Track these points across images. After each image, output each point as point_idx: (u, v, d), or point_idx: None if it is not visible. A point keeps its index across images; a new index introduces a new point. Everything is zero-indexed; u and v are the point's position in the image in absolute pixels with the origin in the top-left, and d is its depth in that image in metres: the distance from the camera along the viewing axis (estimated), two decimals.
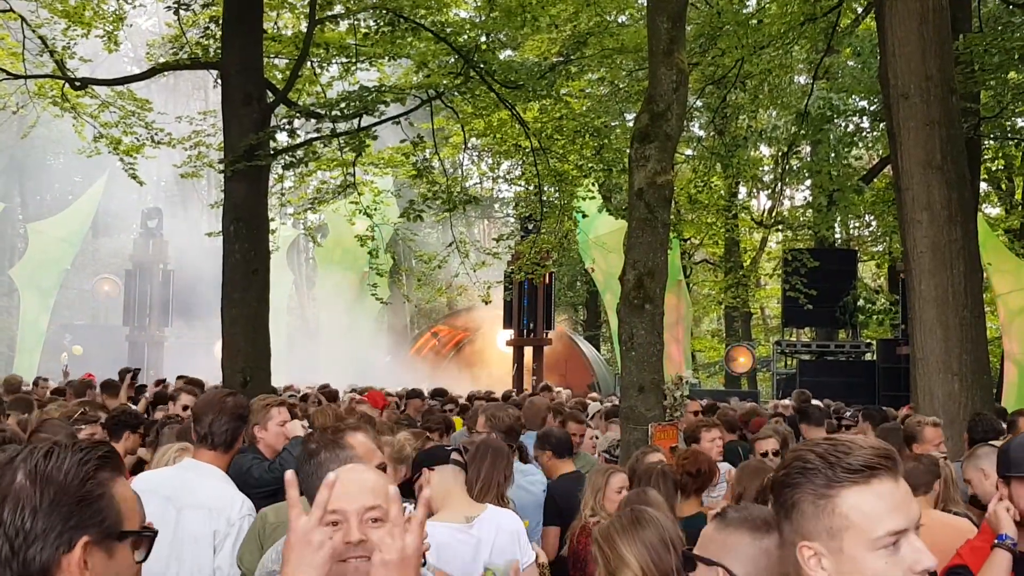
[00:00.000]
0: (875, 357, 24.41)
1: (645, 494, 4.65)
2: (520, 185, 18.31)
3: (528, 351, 26.17)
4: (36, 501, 1.75)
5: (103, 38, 15.48)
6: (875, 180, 26.03)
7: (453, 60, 13.95)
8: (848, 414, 13.29)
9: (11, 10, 14.31)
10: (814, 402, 12.90)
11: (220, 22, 13.44)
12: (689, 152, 21.83)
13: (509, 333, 26.36)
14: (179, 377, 12.71)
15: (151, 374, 24.64)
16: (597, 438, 9.50)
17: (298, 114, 13.48)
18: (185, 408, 8.61)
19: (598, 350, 37.57)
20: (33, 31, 14.43)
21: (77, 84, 14.64)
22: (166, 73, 15.59)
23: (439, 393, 14.18)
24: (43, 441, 1.89)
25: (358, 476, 2.52)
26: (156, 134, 15.70)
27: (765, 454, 6.77)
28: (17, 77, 14.64)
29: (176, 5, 14.09)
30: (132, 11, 15.55)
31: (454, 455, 4.42)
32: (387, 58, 14.70)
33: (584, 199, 17.11)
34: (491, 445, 5.61)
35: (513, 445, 5.80)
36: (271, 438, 5.62)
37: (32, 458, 1.79)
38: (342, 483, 2.37)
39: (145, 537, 1.93)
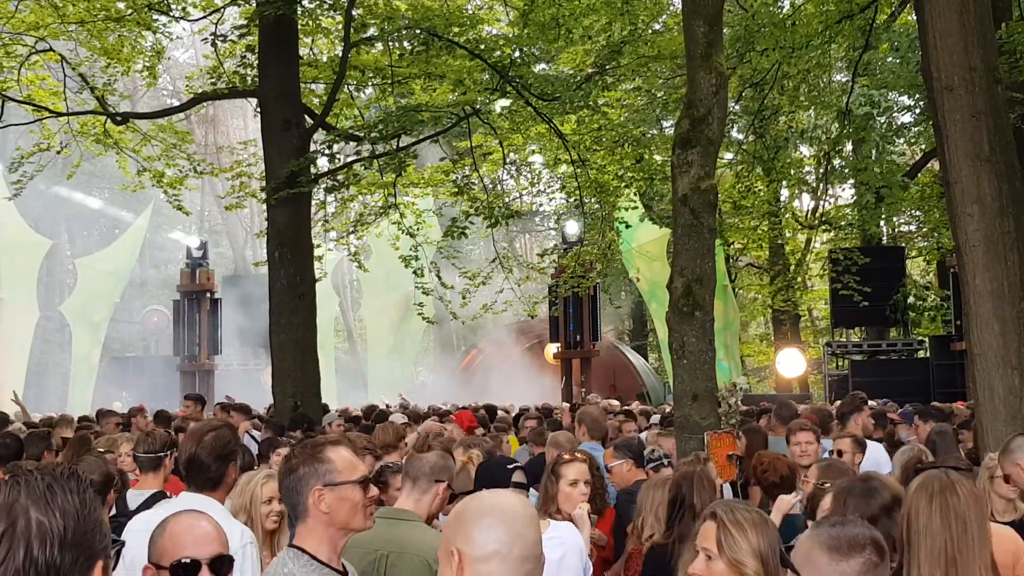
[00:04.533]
0: (928, 354, 24.07)
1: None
2: (561, 198, 18.30)
3: (576, 363, 26.11)
4: (61, 534, 1.76)
5: (141, 72, 15.67)
6: (919, 175, 25.73)
7: (488, 76, 13.96)
8: (899, 412, 13.10)
9: (51, 50, 14.51)
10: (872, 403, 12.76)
11: (256, 51, 13.56)
12: (729, 156, 21.69)
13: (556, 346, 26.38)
14: (221, 401, 12.77)
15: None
16: None
17: (337, 138, 13.55)
18: None
19: (646, 359, 37.40)
20: (73, 69, 14.63)
21: (118, 119, 14.82)
22: (205, 104, 15.76)
23: (489, 409, 14.11)
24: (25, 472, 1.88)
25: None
26: (198, 165, 15.86)
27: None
28: (59, 115, 14.85)
29: (213, 37, 14.23)
30: (169, 44, 15.74)
31: (516, 476, 4.36)
32: (423, 78, 14.75)
33: (626, 209, 17.04)
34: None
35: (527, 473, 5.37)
36: None
37: (36, 492, 1.79)
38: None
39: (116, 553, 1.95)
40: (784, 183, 22.87)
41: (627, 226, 18.09)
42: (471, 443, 7.20)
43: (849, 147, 26.10)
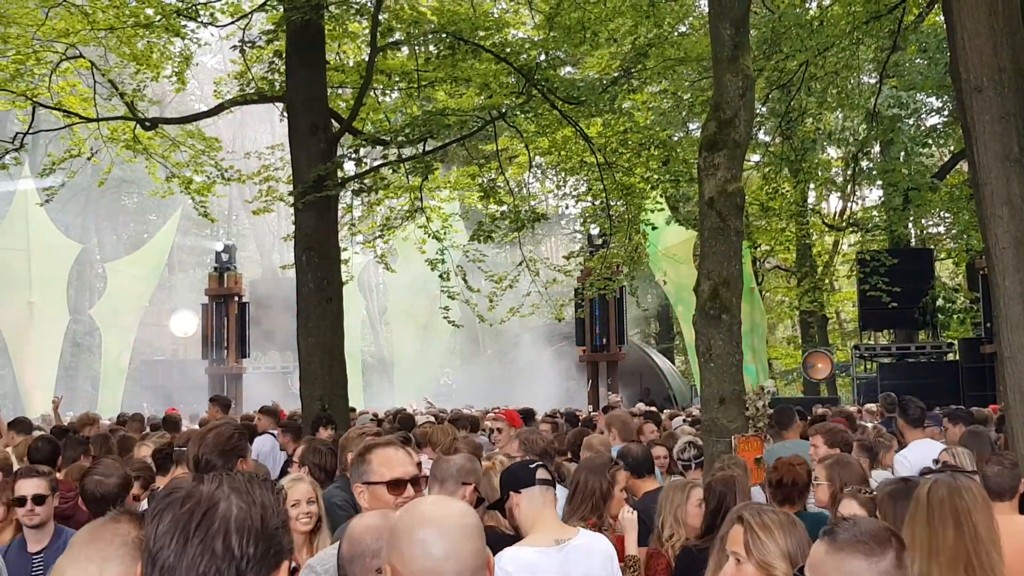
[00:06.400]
0: (958, 357, 23.90)
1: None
2: (587, 201, 18.32)
3: (602, 366, 26.10)
4: (257, 525, 1.85)
5: (170, 78, 15.79)
6: (948, 176, 25.57)
7: (514, 80, 13.97)
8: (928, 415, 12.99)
9: (81, 56, 14.65)
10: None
11: (284, 56, 13.63)
12: (756, 158, 21.63)
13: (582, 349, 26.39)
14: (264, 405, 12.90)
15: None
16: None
17: (364, 142, 13.59)
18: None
19: (672, 362, 37.34)
20: (103, 75, 14.76)
21: (147, 125, 14.94)
22: (232, 109, 15.85)
23: (526, 412, 14.08)
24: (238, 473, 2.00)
25: None
26: (226, 171, 15.96)
27: None
28: (89, 121, 14.99)
29: (241, 44, 14.31)
30: (197, 50, 15.85)
31: (540, 472, 4.36)
32: (449, 82, 14.78)
33: (652, 211, 17.00)
34: (587, 464, 5.56)
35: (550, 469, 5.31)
36: None
37: (238, 485, 1.89)
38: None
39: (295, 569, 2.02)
40: (811, 185, 22.78)
41: (653, 228, 18.07)
42: (526, 436, 7.19)
43: (877, 148, 26.00)
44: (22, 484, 5.40)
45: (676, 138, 18.57)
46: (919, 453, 7.34)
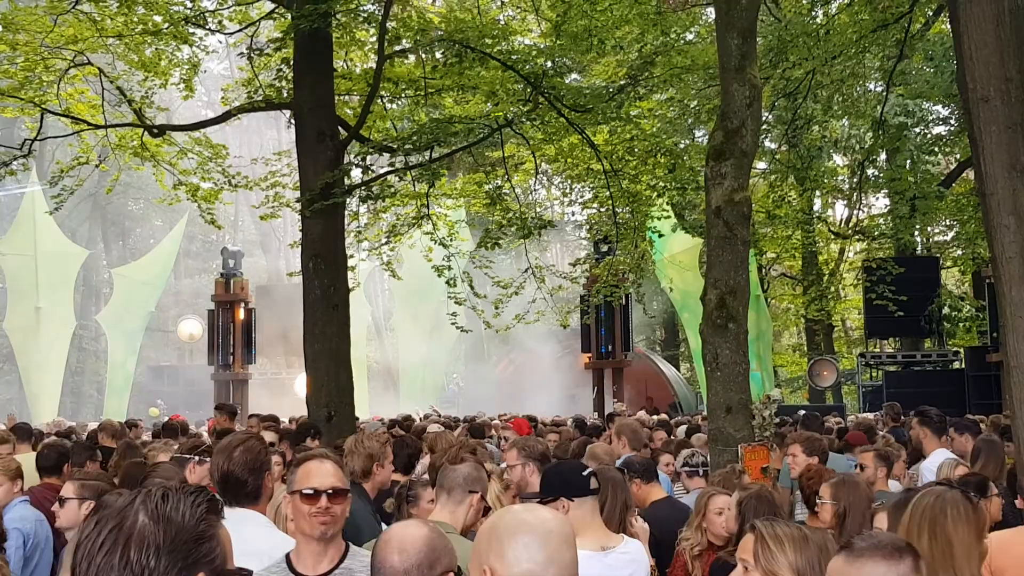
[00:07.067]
0: (964, 365, 23.88)
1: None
2: (593, 208, 18.32)
3: (608, 373, 26.09)
4: (159, 540, 1.88)
5: (178, 85, 15.83)
6: (954, 184, 25.56)
7: (521, 87, 13.98)
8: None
9: (90, 63, 14.68)
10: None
11: (291, 63, 13.66)
12: (762, 165, 21.63)
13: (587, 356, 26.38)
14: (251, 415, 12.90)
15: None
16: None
17: (371, 149, 13.61)
18: None
19: (677, 369, 37.30)
20: (111, 82, 14.79)
21: (155, 132, 14.97)
22: (239, 116, 15.88)
23: (530, 420, 14.12)
24: (156, 485, 2.04)
25: None
26: (233, 178, 15.98)
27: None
28: (97, 127, 15.02)
29: (248, 51, 14.34)
30: (205, 56, 15.87)
31: (593, 482, 4.37)
32: (456, 89, 14.79)
33: (658, 218, 17.01)
34: (608, 476, 5.57)
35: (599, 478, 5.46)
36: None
37: (151, 500, 1.93)
38: None
39: None
40: (818, 192, 22.75)
41: (660, 235, 18.06)
42: (524, 443, 7.21)
43: (883, 156, 25.97)
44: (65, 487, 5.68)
45: (682, 146, 18.58)
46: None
